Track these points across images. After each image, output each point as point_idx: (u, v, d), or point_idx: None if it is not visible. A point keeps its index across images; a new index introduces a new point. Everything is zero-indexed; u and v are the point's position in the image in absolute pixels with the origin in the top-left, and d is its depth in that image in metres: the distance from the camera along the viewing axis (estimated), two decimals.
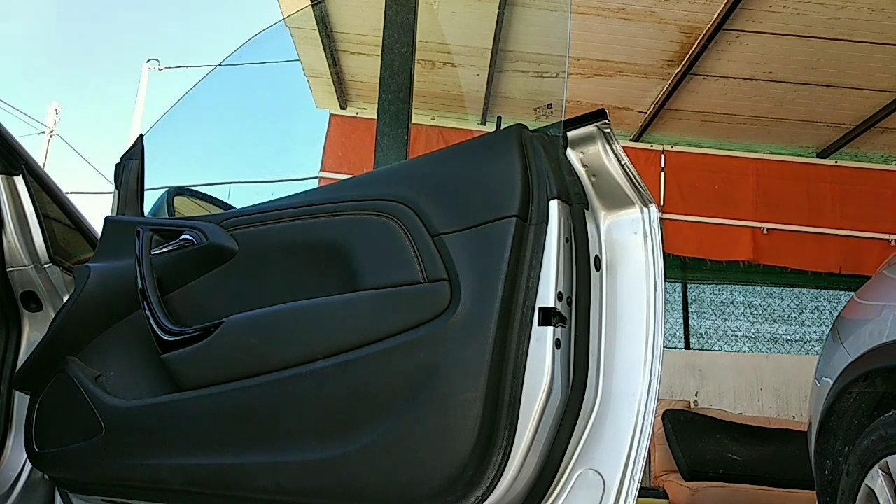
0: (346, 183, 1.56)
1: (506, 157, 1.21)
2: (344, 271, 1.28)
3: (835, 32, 4.34)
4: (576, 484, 1.19)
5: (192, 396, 1.34)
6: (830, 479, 1.85)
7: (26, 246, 1.74)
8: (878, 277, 1.95)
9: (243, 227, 1.44)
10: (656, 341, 1.22)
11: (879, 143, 5.76)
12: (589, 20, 4.38)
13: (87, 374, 1.49)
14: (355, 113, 5.67)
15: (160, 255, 1.44)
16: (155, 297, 1.39)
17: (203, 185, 2.03)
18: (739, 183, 5.79)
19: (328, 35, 4.76)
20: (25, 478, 1.69)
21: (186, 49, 11.77)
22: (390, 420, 1.16)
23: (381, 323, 1.21)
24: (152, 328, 1.38)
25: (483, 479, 1.11)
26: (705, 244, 5.68)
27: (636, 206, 1.27)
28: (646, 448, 1.18)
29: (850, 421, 1.81)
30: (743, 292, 6.05)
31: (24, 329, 1.77)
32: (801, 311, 6.02)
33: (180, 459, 1.34)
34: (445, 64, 4.96)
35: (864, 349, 1.71)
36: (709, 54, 4.67)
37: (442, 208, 1.23)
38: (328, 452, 1.20)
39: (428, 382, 1.14)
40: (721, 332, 5.94)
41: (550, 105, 1.34)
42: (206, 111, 2.13)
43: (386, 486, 1.16)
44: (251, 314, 1.32)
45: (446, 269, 1.18)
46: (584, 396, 1.19)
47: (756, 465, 4.19)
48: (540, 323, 1.13)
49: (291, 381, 1.25)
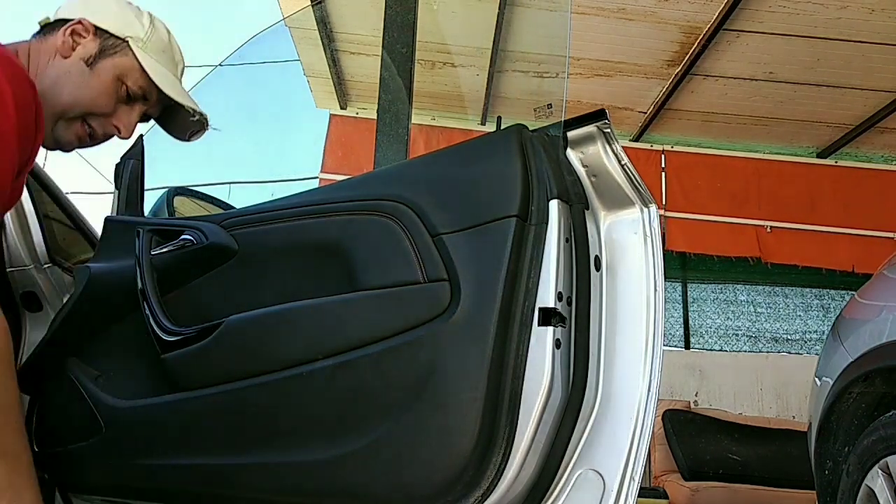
0: (346, 183, 1.56)
1: (506, 157, 1.21)
2: (344, 271, 1.28)
3: (835, 32, 4.35)
4: (576, 484, 1.19)
5: (192, 396, 1.34)
6: (830, 479, 1.85)
7: (26, 246, 1.74)
8: (878, 277, 1.95)
9: (243, 227, 1.44)
10: (656, 341, 1.22)
11: (879, 143, 5.76)
12: (589, 20, 4.38)
13: (87, 374, 1.49)
14: (355, 113, 5.68)
15: (160, 255, 1.44)
16: (155, 297, 1.39)
17: (203, 185, 2.02)
18: (740, 183, 5.79)
19: (328, 35, 4.76)
20: None
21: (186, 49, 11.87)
22: (390, 420, 1.16)
23: (381, 323, 1.21)
24: (152, 328, 1.38)
25: (483, 479, 1.11)
26: (709, 242, 5.68)
27: (636, 206, 1.27)
28: (646, 448, 1.18)
29: (850, 421, 1.81)
30: (744, 291, 6.05)
31: (24, 329, 1.76)
32: (806, 310, 6.02)
33: (180, 459, 1.34)
34: (445, 64, 4.96)
35: (865, 349, 1.71)
36: (709, 54, 4.67)
37: (442, 208, 1.23)
38: (328, 452, 1.20)
39: (428, 382, 1.14)
40: (721, 331, 5.95)
41: (550, 105, 1.34)
42: (206, 111, 2.13)
43: (386, 486, 1.16)
44: (251, 314, 1.32)
45: (446, 269, 1.18)
46: (583, 396, 1.19)
47: (756, 465, 4.19)
48: (540, 323, 1.13)
49: (291, 381, 1.25)
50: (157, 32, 1.44)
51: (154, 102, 1.44)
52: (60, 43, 1.35)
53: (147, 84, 1.40)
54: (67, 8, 1.42)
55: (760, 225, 5.69)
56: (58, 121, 1.37)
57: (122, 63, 1.38)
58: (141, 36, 1.40)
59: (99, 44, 1.37)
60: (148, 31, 1.41)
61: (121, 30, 1.39)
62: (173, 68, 1.46)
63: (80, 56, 1.36)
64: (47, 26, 1.40)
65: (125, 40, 1.39)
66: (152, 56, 1.40)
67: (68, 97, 1.35)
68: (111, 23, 1.39)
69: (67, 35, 1.36)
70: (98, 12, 1.39)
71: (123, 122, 1.41)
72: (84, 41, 1.36)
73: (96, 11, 1.39)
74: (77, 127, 1.38)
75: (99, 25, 1.37)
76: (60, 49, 1.35)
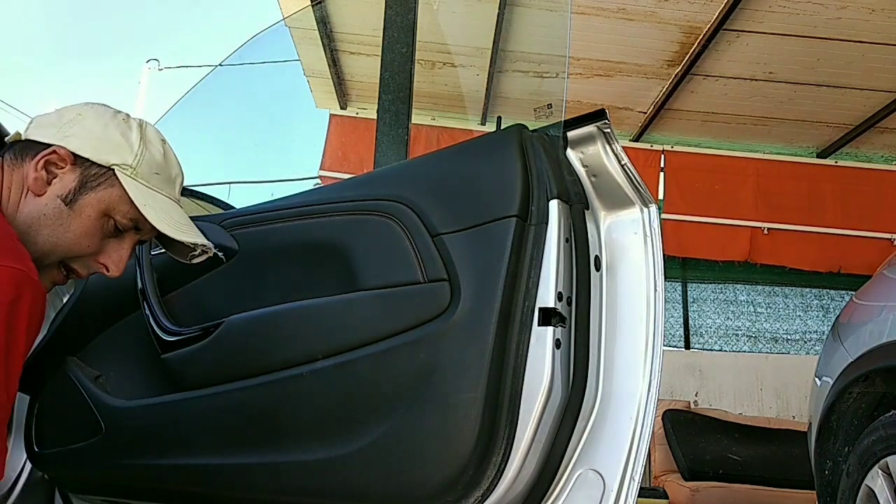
0: (346, 183, 1.56)
1: (506, 158, 1.21)
2: (344, 271, 1.28)
3: (835, 32, 4.34)
4: (576, 484, 1.19)
5: (192, 396, 1.34)
6: (830, 479, 1.85)
7: None
8: (877, 277, 1.95)
9: (243, 227, 1.44)
10: (656, 341, 1.22)
11: (879, 143, 5.76)
12: (589, 20, 4.38)
13: (87, 374, 1.49)
14: (355, 113, 5.67)
15: (160, 254, 1.44)
16: (155, 297, 1.39)
17: (203, 185, 2.03)
18: (739, 183, 5.79)
19: (328, 35, 4.76)
20: (25, 478, 1.69)
21: (186, 49, 11.70)
22: (390, 420, 1.16)
23: (381, 323, 1.21)
24: (152, 328, 1.38)
25: (483, 479, 1.11)
26: (705, 244, 5.68)
27: (636, 206, 1.27)
28: (646, 448, 1.18)
29: (850, 421, 1.81)
30: (744, 291, 6.05)
31: None
32: (806, 310, 6.02)
33: (180, 459, 1.34)
34: (445, 64, 4.96)
35: (864, 349, 1.71)
36: (709, 54, 4.67)
37: (442, 208, 1.23)
38: (328, 452, 1.20)
39: (428, 382, 1.14)
40: (721, 331, 5.95)
41: (550, 105, 1.34)
42: (207, 111, 2.14)
43: (386, 486, 1.16)
44: (251, 314, 1.32)
45: (446, 269, 1.18)
46: (584, 396, 1.19)
47: (756, 465, 4.19)
48: (540, 323, 1.13)
49: (291, 381, 1.25)
50: (149, 149, 1.18)
51: (149, 230, 1.19)
52: (32, 179, 1.10)
53: (139, 214, 1.15)
54: (40, 126, 1.15)
55: (757, 227, 5.69)
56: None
57: (107, 196, 1.13)
58: (129, 162, 1.14)
59: (79, 175, 1.12)
60: (138, 151, 1.16)
61: (105, 156, 1.13)
62: (170, 188, 1.21)
63: (57, 193, 1.11)
64: (17, 144, 1.16)
65: (111, 168, 1.13)
66: (144, 182, 1.15)
67: (45, 243, 1.10)
68: (92, 148, 1.13)
69: (41, 169, 1.10)
70: (76, 136, 1.13)
71: (113, 259, 1.17)
72: (61, 173, 1.12)
73: (74, 135, 1.13)
74: (53, 273, 1.15)
75: (78, 153, 1.12)
76: (33, 186, 1.10)
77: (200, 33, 28.56)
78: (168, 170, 1.21)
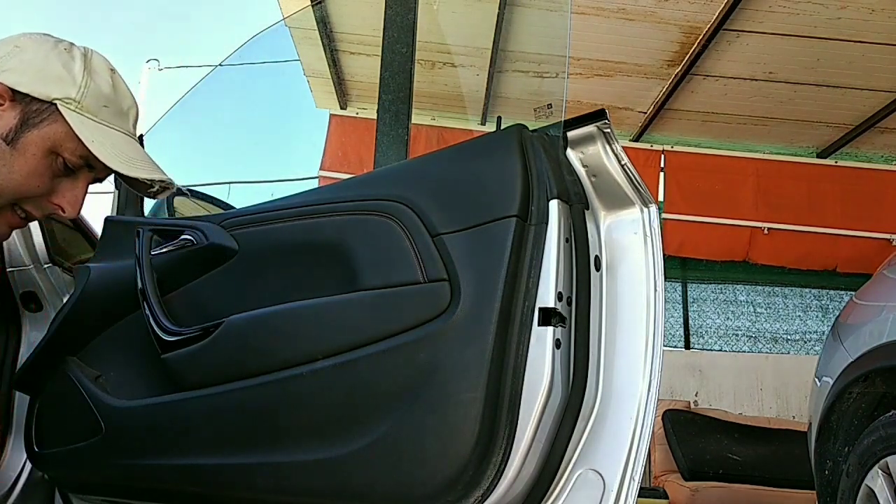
0: (346, 183, 1.56)
1: (506, 158, 1.21)
2: (344, 271, 1.28)
3: (835, 32, 4.35)
4: (576, 484, 1.19)
5: (192, 396, 1.34)
6: (830, 479, 1.86)
7: (26, 246, 1.74)
8: (877, 277, 1.95)
9: (243, 227, 1.44)
10: (656, 341, 1.22)
11: (879, 143, 5.76)
12: (589, 20, 4.38)
13: (87, 374, 1.49)
14: (355, 113, 5.68)
15: (160, 255, 1.44)
16: (155, 297, 1.39)
17: (203, 185, 2.03)
18: (739, 183, 5.79)
19: (328, 35, 4.76)
20: (25, 478, 1.69)
21: (186, 49, 11.73)
22: (390, 420, 1.16)
23: (381, 323, 1.21)
24: (152, 328, 1.38)
25: (483, 479, 1.11)
26: (705, 244, 5.69)
27: (636, 206, 1.27)
28: (646, 448, 1.18)
29: (850, 421, 1.81)
30: (744, 291, 6.06)
31: (24, 329, 1.76)
32: (806, 310, 6.02)
33: (180, 459, 1.34)
34: (445, 64, 4.96)
35: (864, 349, 1.71)
36: (709, 54, 4.67)
37: (442, 208, 1.23)
38: (328, 452, 1.20)
39: (428, 382, 1.14)
40: (721, 331, 5.95)
41: (550, 105, 1.34)
42: (207, 111, 2.13)
43: (386, 486, 1.16)
44: (251, 314, 1.32)
45: (446, 269, 1.18)
46: (584, 396, 1.19)
47: (756, 465, 4.20)
48: (540, 323, 1.13)
49: (291, 381, 1.25)
50: (95, 81, 1.10)
51: (102, 168, 1.13)
52: None
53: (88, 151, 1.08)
54: None
55: (757, 227, 5.69)
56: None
57: (51, 133, 1.06)
58: (73, 95, 1.06)
59: (19, 112, 1.05)
60: (82, 83, 1.08)
61: (45, 90, 1.05)
62: (122, 122, 1.14)
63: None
64: None
65: (52, 103, 1.06)
66: (90, 116, 1.08)
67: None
68: (32, 82, 1.05)
69: None
70: (13, 70, 1.05)
71: (67, 199, 1.12)
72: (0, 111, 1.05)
73: (12, 69, 1.05)
74: (7, 216, 1.11)
75: (16, 88, 1.05)
76: None
77: (200, 33, 28.54)
78: (118, 102, 1.13)
